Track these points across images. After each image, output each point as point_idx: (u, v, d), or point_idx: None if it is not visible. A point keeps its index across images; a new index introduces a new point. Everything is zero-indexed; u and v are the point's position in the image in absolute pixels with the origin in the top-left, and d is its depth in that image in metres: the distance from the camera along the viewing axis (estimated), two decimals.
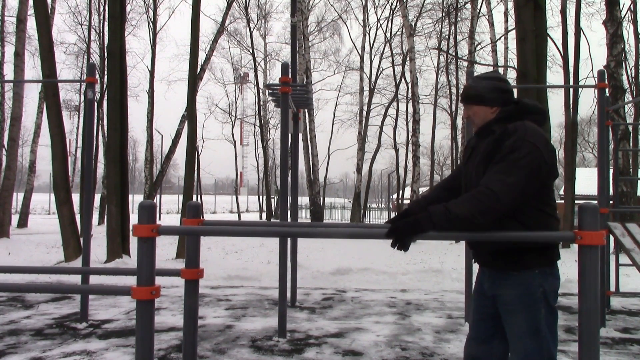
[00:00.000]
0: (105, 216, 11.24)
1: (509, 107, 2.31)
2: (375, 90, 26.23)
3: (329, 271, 8.47)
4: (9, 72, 18.84)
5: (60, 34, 33.16)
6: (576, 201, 13.96)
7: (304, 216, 27.83)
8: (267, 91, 24.46)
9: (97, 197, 22.62)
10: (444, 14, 21.66)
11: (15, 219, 18.40)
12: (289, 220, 5.77)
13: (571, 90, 13.96)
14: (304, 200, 30.06)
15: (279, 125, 5.74)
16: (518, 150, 2.12)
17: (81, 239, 6.53)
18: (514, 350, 2.28)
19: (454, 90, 22.21)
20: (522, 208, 2.16)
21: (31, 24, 14.46)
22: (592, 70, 16.59)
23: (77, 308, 5.67)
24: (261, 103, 28.26)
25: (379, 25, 26.25)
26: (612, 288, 6.41)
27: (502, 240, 2.22)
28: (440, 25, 22.90)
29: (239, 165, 35.66)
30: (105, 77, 14.22)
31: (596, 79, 6.03)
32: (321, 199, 24.57)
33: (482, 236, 2.16)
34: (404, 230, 2.07)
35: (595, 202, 3.17)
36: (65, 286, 6.43)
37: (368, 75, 26.02)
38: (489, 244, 2.28)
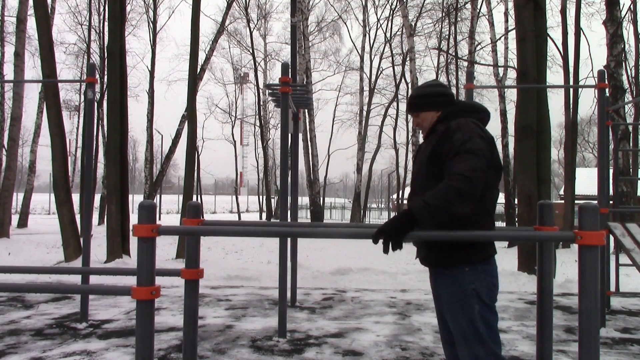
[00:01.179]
0: (105, 216, 11.23)
1: (450, 107, 2.44)
2: (375, 90, 26.23)
3: (329, 271, 8.47)
4: (9, 72, 18.85)
5: (60, 34, 33.23)
6: (576, 201, 13.96)
7: (304, 216, 27.83)
8: (267, 91, 24.46)
9: (97, 197, 22.62)
10: (444, 14, 21.66)
11: (15, 219, 18.40)
12: (289, 220, 5.77)
13: (571, 90, 13.96)
14: (304, 200, 30.06)
15: (279, 125, 5.74)
16: (470, 142, 2.19)
17: (81, 239, 6.53)
18: (459, 348, 2.30)
19: (454, 90, 22.21)
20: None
21: (31, 24, 14.49)
22: (592, 70, 16.59)
23: (77, 308, 5.67)
24: (261, 103, 28.26)
25: (379, 25, 26.27)
26: (612, 288, 6.41)
27: (494, 240, 2.23)
28: (440, 25, 22.90)
29: (239, 165, 35.67)
30: (105, 77, 14.22)
31: (596, 79, 6.03)
32: (321, 199, 24.58)
33: (470, 235, 2.16)
34: (388, 230, 2.07)
35: (595, 202, 3.17)
36: (65, 286, 6.42)
37: (368, 75, 26.04)
38: (425, 242, 2.32)
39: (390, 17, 24.82)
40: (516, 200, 12.10)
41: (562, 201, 15.15)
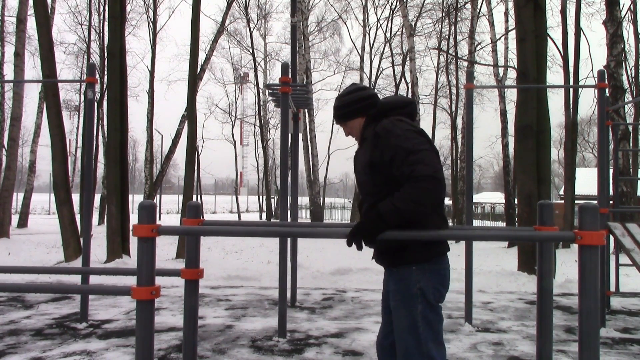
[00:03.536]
0: (105, 216, 11.24)
1: (372, 110, 2.43)
2: (375, 90, 26.21)
3: (329, 271, 8.47)
4: (9, 72, 18.86)
5: (60, 34, 33.28)
6: (576, 201, 13.96)
7: (304, 216, 27.83)
8: (267, 91, 24.46)
9: (97, 197, 22.63)
10: (444, 14, 21.66)
11: (15, 219, 18.40)
12: (289, 220, 5.77)
13: (571, 90, 13.96)
14: (304, 200, 30.07)
15: (279, 125, 5.74)
16: (408, 141, 2.19)
17: (81, 239, 6.53)
18: (397, 347, 2.31)
19: (454, 90, 22.22)
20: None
21: (31, 24, 14.50)
22: (592, 70, 16.60)
23: (77, 308, 5.67)
24: (261, 103, 28.27)
25: (378, 25, 26.27)
26: (612, 288, 6.41)
27: (494, 240, 2.22)
28: (440, 25, 22.90)
29: (239, 165, 35.68)
30: (105, 77, 14.21)
31: (596, 79, 6.03)
32: (321, 199, 24.57)
33: (471, 235, 2.16)
34: (361, 234, 2.11)
35: (595, 202, 3.17)
36: (65, 286, 6.42)
37: (368, 75, 26.02)
38: (379, 241, 2.33)
39: (390, 17, 24.82)
40: (516, 200, 12.09)
41: (562, 201, 15.15)
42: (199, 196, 24.06)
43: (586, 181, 21.71)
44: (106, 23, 15.51)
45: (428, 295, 2.25)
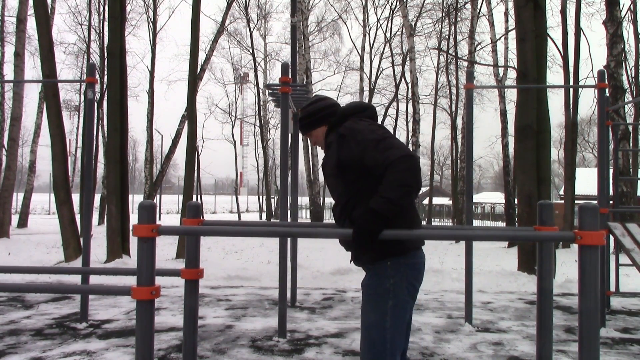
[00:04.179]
0: (105, 216, 11.24)
1: (333, 118, 2.53)
2: (375, 90, 26.22)
3: (329, 271, 8.47)
4: (9, 72, 18.86)
5: (60, 34, 33.30)
6: (576, 201, 13.96)
7: (304, 216, 27.83)
8: (267, 91, 24.46)
9: (97, 197, 22.63)
10: (444, 14, 21.66)
11: (15, 219, 18.40)
12: (289, 220, 5.77)
13: (571, 90, 13.96)
14: (304, 200, 30.06)
15: (279, 125, 5.73)
16: (370, 133, 2.26)
17: (81, 239, 6.53)
18: (361, 340, 2.32)
19: (454, 90, 22.21)
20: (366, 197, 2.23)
21: (31, 24, 14.50)
22: (592, 70, 16.60)
23: (77, 308, 5.67)
24: (261, 103, 28.27)
25: (378, 25, 26.28)
26: (612, 288, 6.41)
27: (494, 240, 2.23)
28: (440, 25, 22.90)
29: (239, 165, 35.67)
30: (105, 77, 14.22)
31: (596, 79, 6.03)
32: (321, 199, 24.56)
33: (472, 235, 2.16)
34: (365, 236, 2.12)
35: (595, 202, 3.17)
36: (65, 286, 6.42)
37: (368, 76, 26.04)
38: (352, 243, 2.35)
39: (390, 17, 24.83)
40: (516, 200, 12.09)
41: (562, 201, 15.15)
42: (199, 196, 24.06)
43: (586, 181, 21.70)
44: (106, 23, 15.53)
45: (401, 291, 2.26)
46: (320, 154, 23.73)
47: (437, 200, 39.46)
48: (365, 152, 2.22)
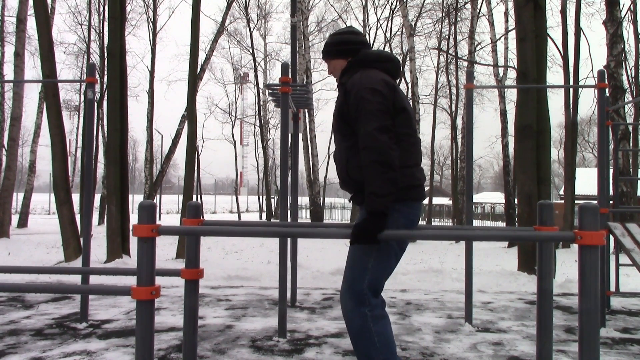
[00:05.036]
0: (105, 216, 11.24)
1: (355, 55, 2.46)
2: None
3: (329, 271, 8.47)
4: (9, 72, 18.86)
5: (60, 34, 33.29)
6: (576, 201, 13.96)
7: (304, 216, 27.84)
8: (267, 91, 24.46)
9: (97, 197, 22.64)
10: (444, 14, 21.67)
11: (15, 219, 18.40)
12: (289, 220, 5.77)
13: (571, 90, 13.96)
14: (304, 200, 30.07)
15: (279, 125, 5.73)
16: (361, 101, 2.24)
17: (81, 239, 6.53)
18: (343, 278, 2.34)
19: (454, 90, 22.22)
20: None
21: (31, 24, 14.49)
22: (592, 70, 16.62)
23: (77, 308, 5.67)
24: (261, 103, 28.27)
25: (378, 25, 26.28)
26: (612, 288, 6.41)
27: (494, 240, 2.23)
28: (440, 25, 22.92)
29: (239, 165, 35.68)
30: (105, 77, 14.23)
31: (596, 79, 6.03)
32: (321, 199, 24.57)
33: (473, 235, 2.16)
34: (364, 236, 2.13)
35: (595, 202, 3.17)
36: (65, 286, 6.41)
37: None
38: (354, 185, 2.38)
39: (390, 17, 24.83)
40: (516, 200, 12.09)
41: (562, 201, 15.15)
42: (199, 196, 24.06)
43: (586, 181, 21.71)
44: (106, 23, 15.53)
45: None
46: (321, 154, 23.74)
47: (437, 200, 39.47)
48: (357, 120, 2.26)
